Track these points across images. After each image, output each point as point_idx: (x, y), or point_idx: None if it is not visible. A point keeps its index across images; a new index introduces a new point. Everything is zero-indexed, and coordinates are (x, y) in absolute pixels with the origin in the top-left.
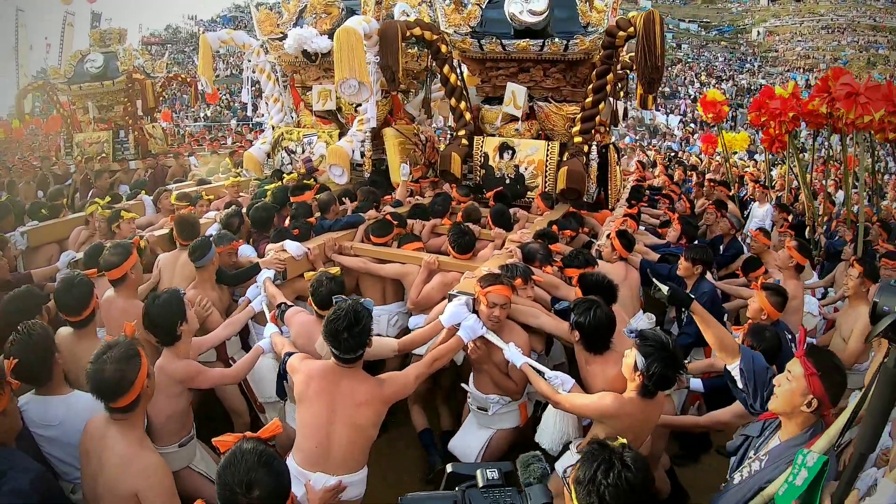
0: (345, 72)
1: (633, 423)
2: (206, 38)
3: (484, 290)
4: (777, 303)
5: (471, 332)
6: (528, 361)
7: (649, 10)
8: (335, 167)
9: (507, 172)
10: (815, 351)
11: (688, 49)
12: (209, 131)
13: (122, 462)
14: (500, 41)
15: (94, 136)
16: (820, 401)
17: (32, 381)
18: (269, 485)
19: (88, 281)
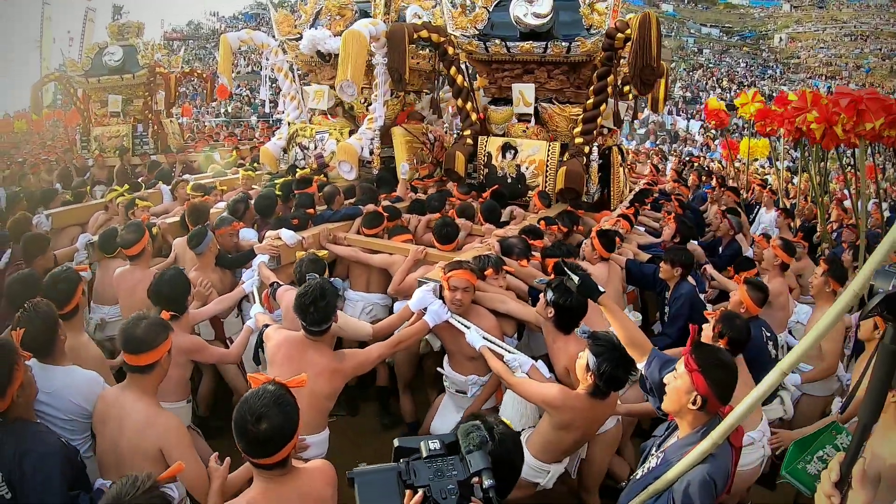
0: (346, 73)
1: (577, 418)
2: (226, 38)
3: (446, 276)
4: (757, 298)
5: (436, 317)
6: (487, 344)
7: (645, 11)
8: (344, 163)
9: (509, 172)
10: (699, 347)
11: (709, 54)
12: (226, 127)
13: (145, 422)
14: (505, 43)
15: (114, 131)
16: (705, 398)
17: (37, 353)
18: (277, 422)
19: (75, 275)
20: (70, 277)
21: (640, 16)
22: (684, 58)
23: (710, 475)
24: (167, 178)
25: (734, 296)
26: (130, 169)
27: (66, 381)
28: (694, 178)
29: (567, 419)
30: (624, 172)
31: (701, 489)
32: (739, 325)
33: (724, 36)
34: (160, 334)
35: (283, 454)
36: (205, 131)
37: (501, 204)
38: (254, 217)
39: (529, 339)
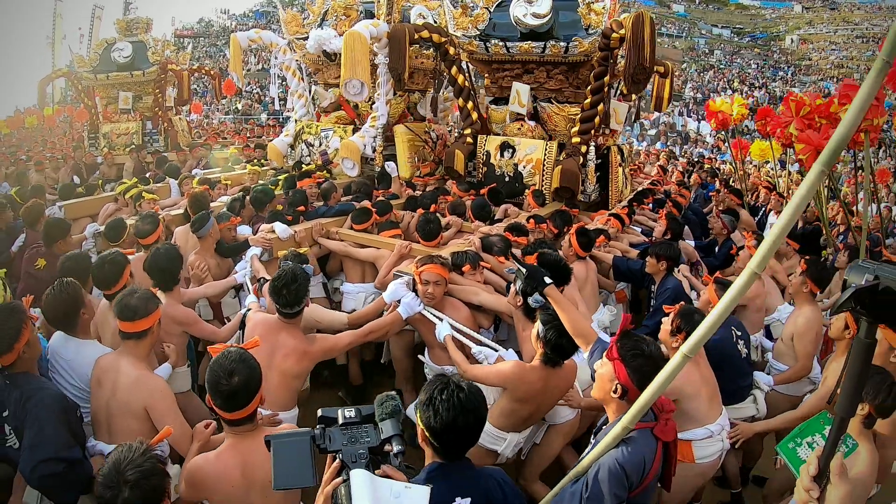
0: (349, 72)
1: (532, 390)
2: (236, 38)
3: (418, 270)
4: None
5: (409, 309)
6: (453, 334)
7: (639, 11)
8: (347, 160)
9: (507, 170)
10: (624, 335)
11: (720, 55)
12: (231, 124)
13: (134, 384)
14: (505, 43)
15: (123, 128)
16: (624, 387)
17: (61, 326)
18: (245, 375)
19: (122, 258)
20: (117, 260)
21: (633, 15)
22: (695, 59)
23: (619, 462)
24: (175, 174)
25: (703, 295)
26: (145, 165)
27: (83, 353)
28: (696, 178)
29: (522, 392)
30: (623, 172)
31: (609, 475)
32: (698, 320)
33: (736, 37)
34: (150, 304)
35: (252, 408)
36: (210, 129)
37: (497, 202)
38: (251, 214)
39: (509, 330)
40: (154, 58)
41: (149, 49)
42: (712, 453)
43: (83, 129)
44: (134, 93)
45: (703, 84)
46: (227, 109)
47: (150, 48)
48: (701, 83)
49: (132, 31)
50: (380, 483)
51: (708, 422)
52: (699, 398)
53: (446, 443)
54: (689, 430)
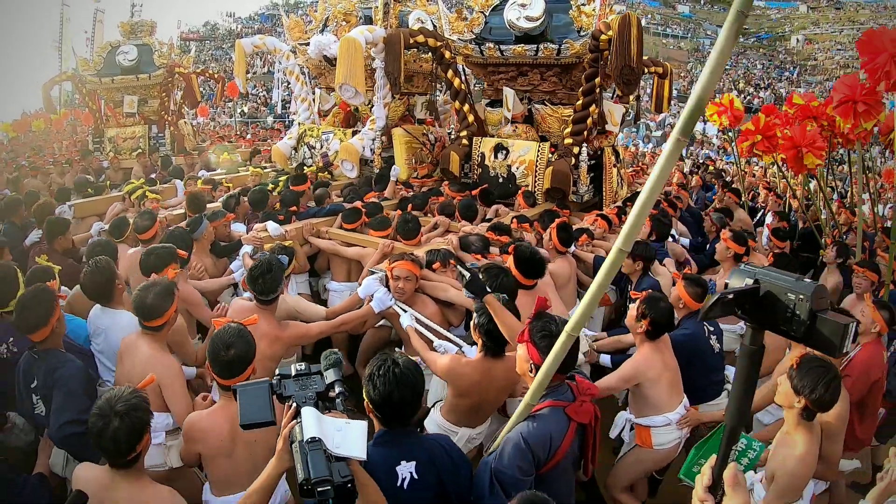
0: (343, 77)
1: (470, 383)
2: (240, 44)
3: (390, 266)
4: (695, 293)
5: (381, 304)
6: (415, 325)
7: (626, 12)
8: (346, 162)
9: (500, 171)
10: (536, 317)
11: None
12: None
13: (149, 361)
14: (499, 47)
15: (129, 132)
16: (537, 365)
17: (99, 298)
18: (242, 348)
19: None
20: (169, 252)
21: (620, 16)
22: (700, 59)
23: (524, 436)
24: (181, 175)
25: (673, 291)
26: (153, 168)
27: (118, 321)
28: (698, 179)
29: (461, 385)
30: (619, 173)
31: (514, 448)
32: (663, 307)
33: (741, 37)
34: (166, 300)
35: (245, 376)
36: (212, 133)
37: (487, 203)
38: (246, 211)
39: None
40: (160, 61)
41: (154, 52)
42: (670, 440)
43: (87, 133)
44: (139, 96)
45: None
46: (233, 112)
47: (156, 51)
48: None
49: (137, 33)
50: (325, 419)
51: (667, 410)
52: (660, 384)
53: (385, 413)
54: (648, 416)
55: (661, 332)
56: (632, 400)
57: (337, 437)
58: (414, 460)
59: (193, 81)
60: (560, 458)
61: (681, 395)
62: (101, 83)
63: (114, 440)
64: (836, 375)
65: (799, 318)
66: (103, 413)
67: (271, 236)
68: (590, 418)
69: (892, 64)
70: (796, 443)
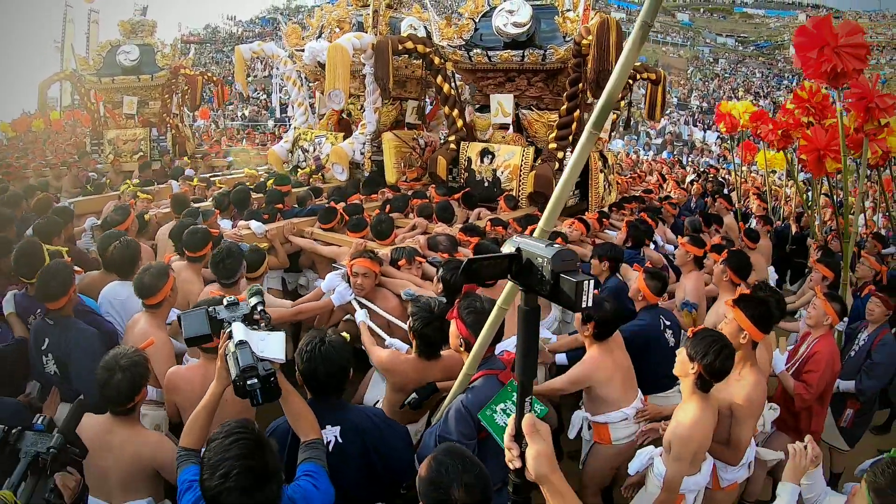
0: (331, 83)
1: (405, 380)
2: (239, 50)
3: (349, 263)
4: (654, 286)
5: (340, 298)
6: (368, 322)
7: (605, 17)
8: (336, 165)
9: (486, 176)
10: (465, 296)
11: (725, 64)
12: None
13: (144, 335)
14: (486, 53)
15: (130, 134)
16: (466, 340)
17: (122, 273)
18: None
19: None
20: (204, 233)
21: (599, 21)
22: (700, 67)
23: (464, 404)
24: (178, 176)
25: (633, 284)
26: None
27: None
28: (698, 187)
29: (397, 381)
30: (606, 179)
31: (455, 415)
32: (607, 308)
33: (740, 46)
34: (161, 280)
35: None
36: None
37: (470, 206)
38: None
39: None
40: (163, 62)
41: (157, 52)
42: (628, 435)
43: (86, 134)
44: (140, 97)
45: (709, 93)
46: (234, 116)
47: (159, 52)
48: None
49: (137, 33)
50: (250, 331)
51: (623, 405)
52: (612, 383)
53: (312, 385)
54: (605, 413)
55: (607, 332)
56: (586, 399)
57: (261, 344)
58: (339, 425)
59: (198, 84)
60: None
61: (635, 390)
62: (100, 83)
63: (116, 390)
64: (727, 345)
65: (546, 279)
66: (109, 367)
67: (255, 234)
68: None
69: (832, 55)
70: (688, 411)
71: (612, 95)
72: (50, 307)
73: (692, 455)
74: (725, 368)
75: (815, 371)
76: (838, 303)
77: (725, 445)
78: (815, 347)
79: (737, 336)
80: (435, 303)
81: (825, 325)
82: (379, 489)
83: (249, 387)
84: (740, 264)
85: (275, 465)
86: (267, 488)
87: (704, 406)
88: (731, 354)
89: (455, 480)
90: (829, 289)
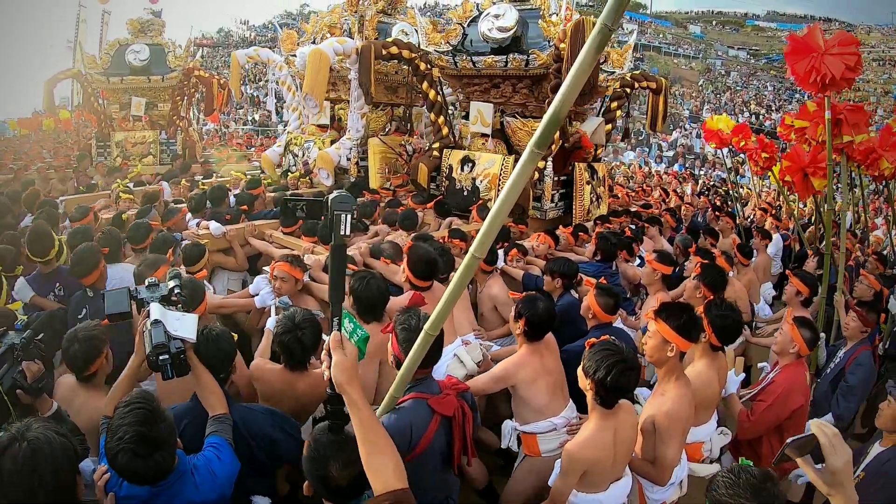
0: (308, 87)
1: (271, 390)
2: (235, 55)
3: (272, 266)
4: (605, 304)
5: (261, 301)
6: (272, 329)
7: (578, 18)
8: (322, 170)
9: (465, 184)
10: (404, 311)
11: (737, 77)
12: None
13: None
14: (471, 58)
15: (139, 136)
16: (397, 357)
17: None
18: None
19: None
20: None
21: (574, 23)
22: (712, 80)
23: (385, 427)
24: (169, 178)
25: (585, 301)
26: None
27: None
28: (705, 201)
29: (263, 390)
30: (595, 191)
31: None
32: (541, 307)
33: (752, 59)
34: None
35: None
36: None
37: (442, 214)
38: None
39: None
40: (175, 63)
41: (168, 52)
42: (558, 447)
43: (91, 136)
44: (149, 99)
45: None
46: (245, 120)
47: (170, 52)
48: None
49: (146, 32)
50: (167, 311)
51: (550, 414)
52: (536, 386)
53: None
54: (532, 422)
55: (539, 333)
56: (514, 407)
57: (176, 324)
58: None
59: (214, 86)
60: (422, 450)
61: (566, 400)
62: (108, 83)
63: (73, 358)
64: (623, 360)
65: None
66: (69, 338)
67: (213, 235)
68: (453, 411)
69: (821, 63)
70: (584, 427)
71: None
72: (84, 282)
73: (578, 472)
74: (620, 385)
75: (764, 401)
76: (809, 330)
77: (651, 464)
78: (777, 377)
79: (663, 349)
80: (300, 313)
81: (791, 352)
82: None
83: (161, 362)
84: (715, 280)
85: (166, 435)
86: (157, 454)
87: (602, 424)
88: (627, 370)
89: (332, 457)
90: (802, 305)
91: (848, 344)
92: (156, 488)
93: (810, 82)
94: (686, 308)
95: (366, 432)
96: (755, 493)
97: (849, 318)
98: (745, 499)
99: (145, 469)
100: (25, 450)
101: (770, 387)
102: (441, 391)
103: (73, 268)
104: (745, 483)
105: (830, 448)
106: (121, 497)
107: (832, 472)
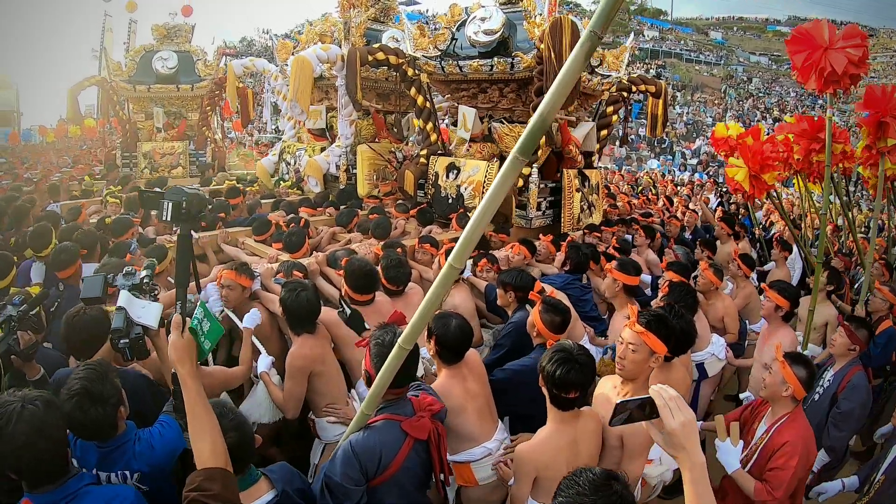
0: (293, 95)
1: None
2: (231, 65)
3: (219, 274)
4: (550, 321)
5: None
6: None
7: (557, 16)
8: (311, 178)
9: (450, 192)
10: (381, 325)
11: (758, 83)
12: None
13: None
14: (458, 63)
15: (167, 147)
16: (368, 373)
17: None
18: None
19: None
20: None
21: (552, 21)
22: (734, 86)
23: (353, 445)
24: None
25: (529, 317)
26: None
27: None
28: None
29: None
30: (586, 198)
31: (342, 456)
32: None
33: (774, 64)
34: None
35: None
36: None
37: (424, 222)
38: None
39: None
40: (205, 71)
41: (197, 60)
42: (492, 474)
43: (115, 146)
44: (175, 108)
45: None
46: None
47: (199, 59)
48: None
49: (173, 38)
50: (135, 298)
51: (483, 440)
52: (465, 414)
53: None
54: (465, 450)
55: (453, 354)
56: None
57: (141, 311)
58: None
59: (250, 97)
60: (393, 472)
61: (495, 421)
62: (134, 91)
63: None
64: (571, 358)
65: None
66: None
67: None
68: (428, 434)
69: (824, 59)
70: (539, 430)
71: (545, 119)
72: (60, 276)
73: (530, 475)
74: (568, 380)
75: (783, 469)
76: (804, 367)
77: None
78: (785, 435)
79: (647, 362)
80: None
81: (785, 395)
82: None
83: (121, 345)
84: (684, 301)
85: (108, 394)
86: (97, 407)
87: (557, 428)
88: (572, 367)
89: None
90: (783, 319)
91: (837, 363)
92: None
93: (811, 76)
94: (663, 315)
95: (191, 410)
96: (595, 489)
97: (836, 334)
98: (586, 496)
99: (83, 418)
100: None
101: (785, 449)
102: (415, 412)
103: (52, 261)
104: (586, 481)
105: (667, 410)
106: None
107: (670, 433)
